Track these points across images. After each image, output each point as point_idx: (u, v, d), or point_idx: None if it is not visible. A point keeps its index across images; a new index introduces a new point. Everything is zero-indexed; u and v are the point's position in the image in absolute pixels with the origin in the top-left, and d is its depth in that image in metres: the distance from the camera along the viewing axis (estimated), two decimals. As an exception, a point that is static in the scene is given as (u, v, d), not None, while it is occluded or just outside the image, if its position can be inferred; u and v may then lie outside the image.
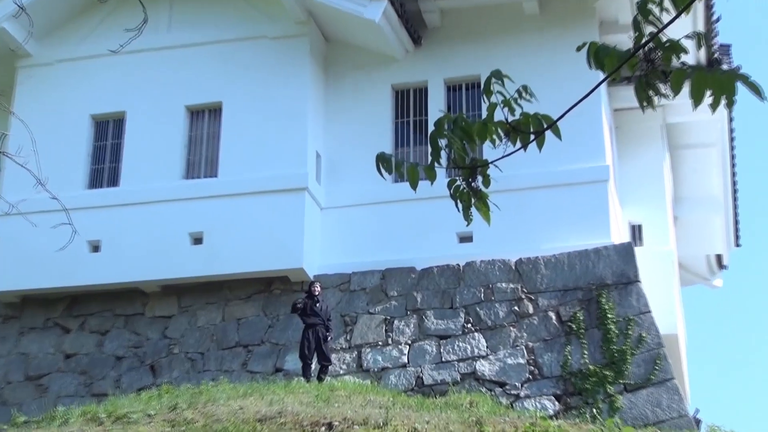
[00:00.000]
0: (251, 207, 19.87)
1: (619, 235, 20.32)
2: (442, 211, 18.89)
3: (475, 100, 20.53)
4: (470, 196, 5.11)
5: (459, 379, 18.08)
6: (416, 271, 19.53)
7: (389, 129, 20.80)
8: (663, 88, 4.40)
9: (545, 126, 4.83)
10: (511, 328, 18.45)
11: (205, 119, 21.23)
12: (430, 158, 5.04)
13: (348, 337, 19.17)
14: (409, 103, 21.08)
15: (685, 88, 4.19)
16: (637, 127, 22.24)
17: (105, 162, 21.48)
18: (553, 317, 18.33)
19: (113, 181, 21.23)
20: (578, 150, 19.32)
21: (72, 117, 21.60)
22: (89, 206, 20.50)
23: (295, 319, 19.27)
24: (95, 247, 20.44)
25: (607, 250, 18.62)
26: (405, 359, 18.64)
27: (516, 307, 18.62)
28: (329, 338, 17.86)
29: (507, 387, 17.86)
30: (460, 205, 5.12)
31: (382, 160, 5.08)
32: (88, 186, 21.27)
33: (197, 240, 20.07)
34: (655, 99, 4.49)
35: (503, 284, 18.90)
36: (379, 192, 20.15)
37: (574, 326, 18.06)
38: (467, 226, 5.19)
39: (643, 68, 4.41)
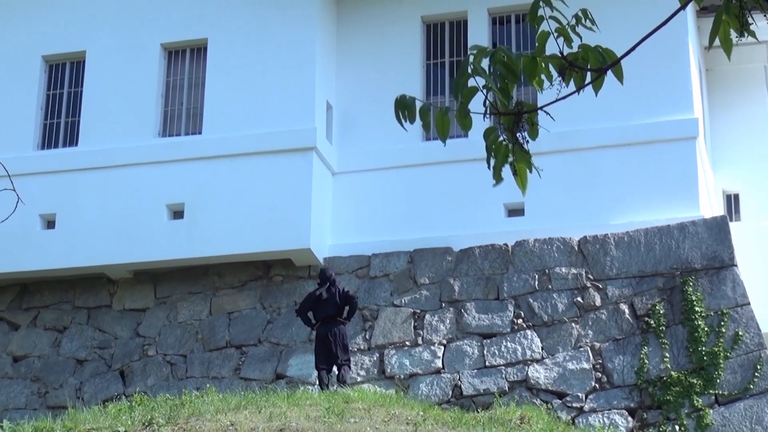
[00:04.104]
0: (244, 172, 19.88)
1: (711, 207, 20.26)
2: (485, 177, 18.77)
3: (528, 37, 20.43)
4: (506, 150, 5.09)
5: (507, 388, 18.14)
6: (453, 252, 19.54)
7: (419, 73, 20.78)
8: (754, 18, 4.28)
9: (607, 64, 4.78)
10: (573, 325, 18.46)
11: (185, 61, 21.18)
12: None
13: (367, 336, 19.23)
14: (443, 39, 21.00)
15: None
16: (733, 70, 22.14)
17: (60, 115, 21.47)
18: (626, 311, 18.31)
19: (71, 139, 21.21)
20: (659, 99, 19.32)
21: (19, 58, 21.59)
22: (41, 171, 20.59)
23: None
24: (49, 223, 20.54)
25: (695, 226, 18.59)
26: (439, 363, 18.68)
27: (579, 298, 18.61)
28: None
29: (567, 398, 17.90)
30: (492, 161, 5.14)
31: (402, 106, 5.03)
32: (39, 146, 21.32)
33: (177, 214, 20.12)
34: (734, 38, 4.35)
35: (563, 269, 18.89)
36: (405, 153, 20.18)
37: (652, 322, 18.05)
38: (494, 186, 5.23)
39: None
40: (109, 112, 20.84)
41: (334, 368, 17.66)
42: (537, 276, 18.91)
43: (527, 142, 5.15)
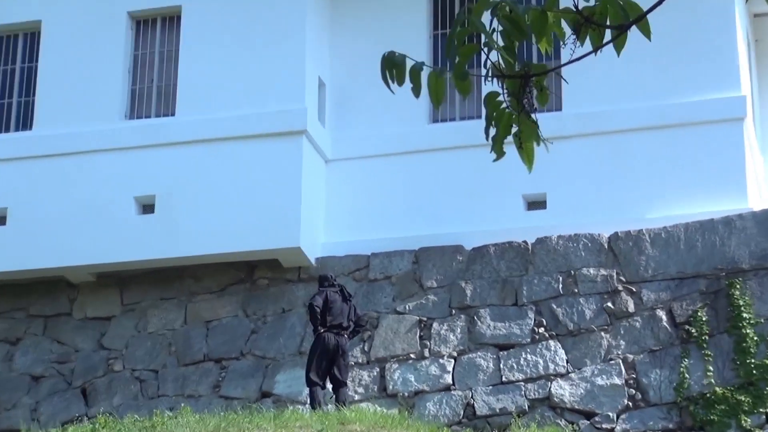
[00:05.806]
0: (224, 160, 19.65)
1: (761, 198, 20.02)
2: (502, 164, 17.93)
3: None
4: (510, 119, 5.07)
5: (527, 407, 17.85)
6: (464, 251, 19.21)
7: (425, 45, 20.48)
8: None
9: (630, 19, 4.80)
10: (603, 334, 18.10)
11: (156, 32, 20.94)
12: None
13: (366, 348, 18.99)
14: (453, 7, 20.74)
15: None
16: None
17: (12, 95, 21.21)
18: (664, 318, 17.89)
19: (24, 122, 20.96)
20: (701, 75, 18.99)
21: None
22: (-10, 159, 20.65)
23: (288, 321, 19.25)
24: (-1, 219, 20.43)
25: (742, 220, 18.21)
26: (449, 379, 18.39)
27: (609, 304, 18.22)
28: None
29: (596, 419, 17.54)
30: (491, 131, 5.10)
31: (390, 65, 5.04)
32: (-13, 130, 21.45)
33: (147, 208, 19.90)
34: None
35: (591, 270, 18.48)
36: (410, 136, 19.92)
37: (693, 331, 17.62)
38: (494, 161, 5.24)
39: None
40: (68, 91, 20.63)
41: (329, 386, 17.37)
42: (561, 278, 18.63)
43: (535, 109, 5.12)
